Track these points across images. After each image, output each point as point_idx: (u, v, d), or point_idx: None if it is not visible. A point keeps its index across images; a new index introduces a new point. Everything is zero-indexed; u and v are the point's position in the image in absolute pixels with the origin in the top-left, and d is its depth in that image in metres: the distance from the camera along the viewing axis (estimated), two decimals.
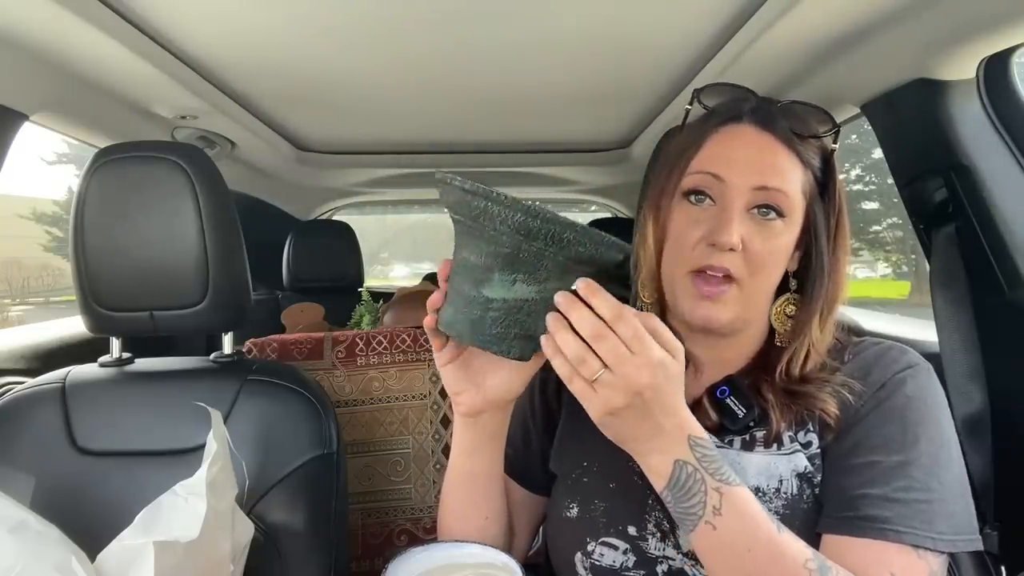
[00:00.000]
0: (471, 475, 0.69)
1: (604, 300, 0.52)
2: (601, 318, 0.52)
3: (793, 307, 0.68)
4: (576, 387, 0.53)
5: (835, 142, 0.68)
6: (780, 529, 0.55)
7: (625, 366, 0.51)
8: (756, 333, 0.71)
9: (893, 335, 1.23)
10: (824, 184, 0.67)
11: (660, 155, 0.92)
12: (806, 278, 0.68)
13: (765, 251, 0.63)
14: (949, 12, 0.80)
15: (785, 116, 0.67)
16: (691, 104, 0.72)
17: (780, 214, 0.64)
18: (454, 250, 0.56)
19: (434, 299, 0.59)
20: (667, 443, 0.55)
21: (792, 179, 0.64)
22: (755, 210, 0.64)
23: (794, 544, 0.55)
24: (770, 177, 0.63)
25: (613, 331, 0.52)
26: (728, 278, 0.63)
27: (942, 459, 0.60)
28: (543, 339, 0.54)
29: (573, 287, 0.53)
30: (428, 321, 0.59)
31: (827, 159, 0.68)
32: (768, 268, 0.65)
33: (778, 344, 0.68)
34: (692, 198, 0.66)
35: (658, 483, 0.56)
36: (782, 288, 0.69)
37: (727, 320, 0.65)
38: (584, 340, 0.52)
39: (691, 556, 0.64)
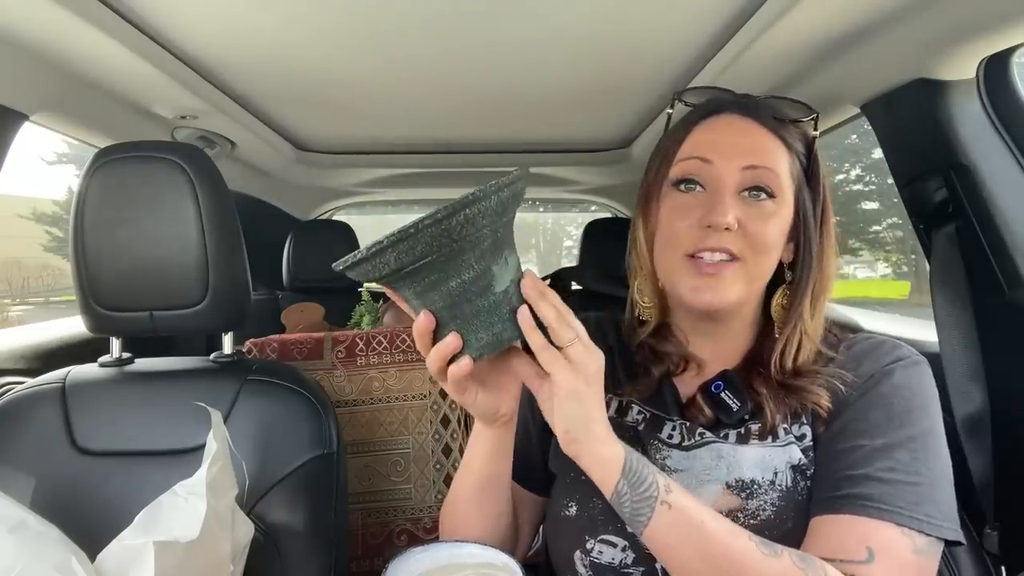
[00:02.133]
0: (493, 477, 0.68)
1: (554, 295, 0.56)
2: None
3: (786, 298, 0.69)
4: (547, 357, 0.54)
5: (815, 129, 0.70)
6: None
7: (590, 341, 0.55)
8: (749, 325, 0.72)
9: (893, 335, 1.23)
10: (808, 171, 0.69)
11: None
12: (797, 266, 0.69)
13: (763, 231, 0.64)
14: (949, 12, 0.80)
15: (768, 106, 0.69)
16: (672, 107, 0.73)
17: (771, 194, 0.65)
18: (427, 293, 0.53)
19: (452, 347, 0.54)
20: (610, 431, 0.57)
21: (779, 161, 0.66)
22: (746, 192, 0.65)
23: (729, 521, 0.57)
24: (758, 157, 0.65)
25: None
26: (731, 258, 0.64)
27: (930, 447, 0.60)
28: (521, 312, 0.54)
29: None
30: (464, 367, 0.54)
31: (810, 146, 0.69)
32: (768, 248, 0.65)
33: (776, 336, 0.68)
34: (682, 187, 0.67)
35: (611, 476, 0.56)
36: (778, 280, 0.70)
37: (732, 300, 0.65)
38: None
39: None
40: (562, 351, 0.54)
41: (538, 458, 0.78)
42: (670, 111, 0.73)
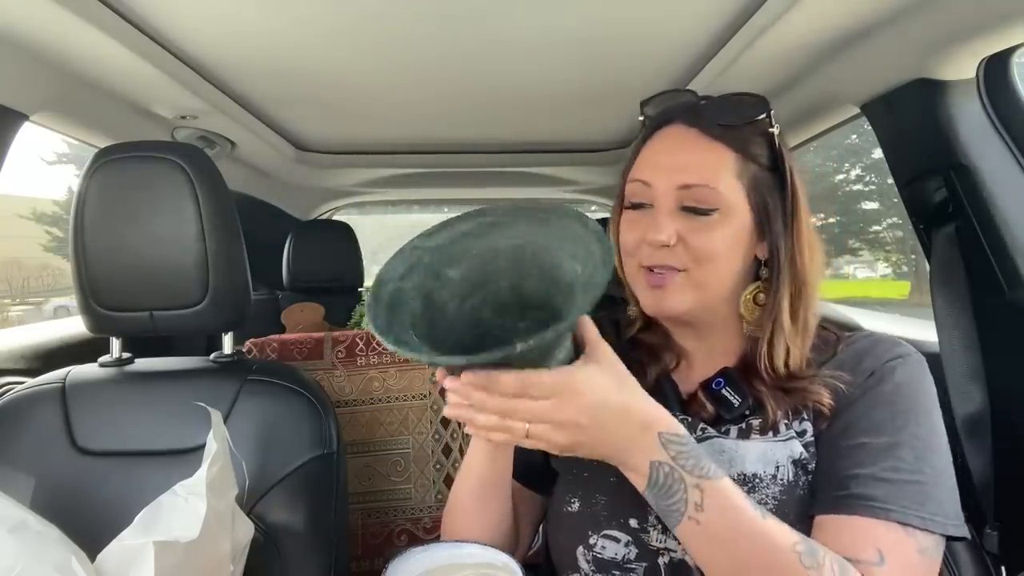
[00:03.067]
0: (493, 478, 0.69)
1: (504, 382, 0.51)
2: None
3: (763, 295, 0.69)
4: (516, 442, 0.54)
5: (771, 125, 0.68)
6: (765, 516, 0.56)
7: (547, 415, 0.52)
8: (735, 326, 0.72)
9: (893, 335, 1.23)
10: (774, 169, 0.68)
11: None
12: (770, 264, 0.69)
13: (706, 244, 0.65)
14: (949, 12, 0.80)
15: (716, 109, 0.68)
16: (642, 115, 0.74)
17: (705, 212, 0.65)
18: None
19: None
20: (637, 447, 0.55)
21: (720, 172, 0.65)
22: (683, 210, 0.66)
23: (780, 529, 0.56)
24: (691, 175, 0.65)
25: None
26: (676, 270, 0.66)
27: (932, 445, 0.61)
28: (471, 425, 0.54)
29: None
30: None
31: (772, 144, 0.68)
32: (716, 258, 0.66)
33: (745, 332, 0.70)
34: (632, 205, 0.70)
35: (639, 484, 0.57)
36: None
37: (682, 307, 0.67)
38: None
39: None
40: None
41: (539, 456, 0.78)
42: (641, 119, 0.74)
